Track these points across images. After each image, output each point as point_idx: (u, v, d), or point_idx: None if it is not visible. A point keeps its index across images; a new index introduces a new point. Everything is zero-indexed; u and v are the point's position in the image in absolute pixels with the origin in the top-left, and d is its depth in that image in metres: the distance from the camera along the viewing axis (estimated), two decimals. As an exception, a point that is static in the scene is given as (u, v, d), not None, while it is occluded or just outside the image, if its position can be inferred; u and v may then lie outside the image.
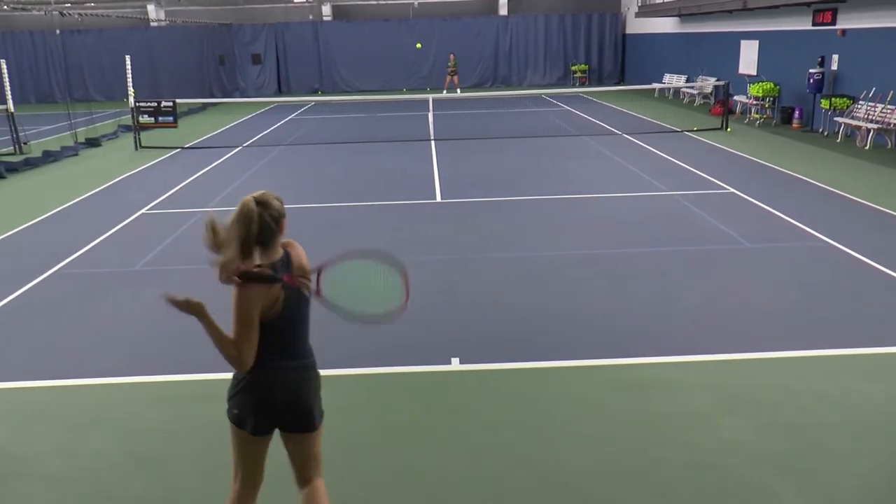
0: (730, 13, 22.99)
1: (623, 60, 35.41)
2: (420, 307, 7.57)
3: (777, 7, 19.81)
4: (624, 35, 35.18)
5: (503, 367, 6.25)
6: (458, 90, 30.84)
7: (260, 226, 3.36)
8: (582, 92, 29.40)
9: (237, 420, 3.54)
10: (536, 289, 8.06)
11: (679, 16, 27.13)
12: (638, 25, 33.22)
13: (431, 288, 8.14)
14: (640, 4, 31.23)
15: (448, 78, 31.91)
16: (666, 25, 29.63)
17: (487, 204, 11.91)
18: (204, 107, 28.79)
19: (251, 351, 3.36)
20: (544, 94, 29.46)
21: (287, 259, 3.56)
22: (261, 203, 3.40)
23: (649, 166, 14.53)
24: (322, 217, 11.50)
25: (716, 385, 5.82)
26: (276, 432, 3.68)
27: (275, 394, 3.52)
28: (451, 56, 31.89)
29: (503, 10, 35.88)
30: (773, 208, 11.00)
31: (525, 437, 5.18)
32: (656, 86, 27.22)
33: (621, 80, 35.08)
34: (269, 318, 3.40)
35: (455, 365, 6.31)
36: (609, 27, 35.00)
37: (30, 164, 16.98)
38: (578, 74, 34.65)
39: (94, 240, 10.47)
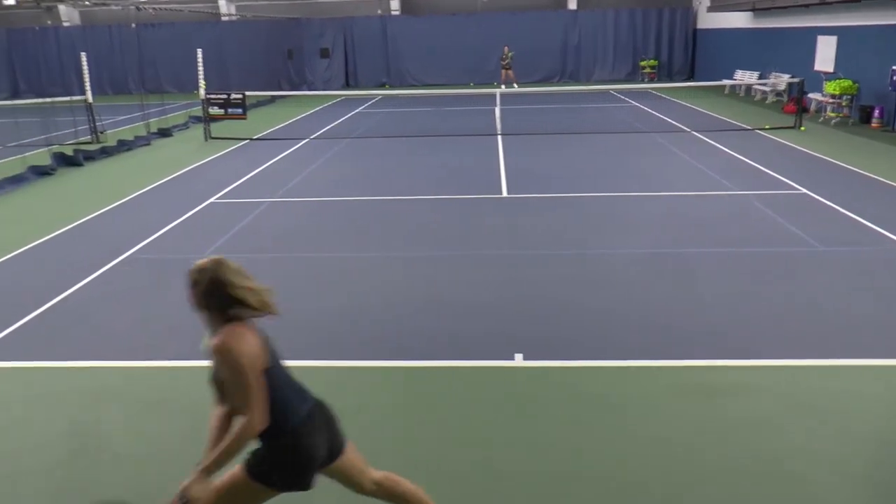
0: (806, 7, 22.34)
1: (693, 56, 34.74)
2: (483, 302, 7.57)
3: (858, 0, 19.18)
4: (695, 30, 34.51)
5: (567, 365, 6.17)
6: (515, 85, 30.60)
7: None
8: (650, 88, 28.93)
9: (288, 485, 3.44)
10: (601, 287, 7.96)
11: (753, 10, 26.47)
12: (709, 20, 32.54)
13: (495, 283, 8.11)
14: (712, -1, 30.62)
15: (503, 72, 31.67)
16: (738, 20, 28.95)
17: (553, 200, 11.81)
18: (272, 99, 29.18)
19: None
20: (612, 89, 29.11)
21: None
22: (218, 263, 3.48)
23: (718, 165, 14.22)
24: (387, 210, 11.55)
25: (785, 391, 5.66)
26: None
27: (318, 443, 3.48)
28: (506, 49, 31.65)
29: (572, 5, 35.53)
30: (849, 211, 10.65)
31: (588, 436, 5.11)
32: (727, 82, 26.59)
33: (691, 77, 34.44)
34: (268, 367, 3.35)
35: (518, 361, 6.26)
36: (679, 22, 34.37)
37: (105, 152, 17.47)
38: (647, 70, 34.13)
39: (164, 226, 10.70)
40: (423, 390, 5.91)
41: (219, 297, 3.30)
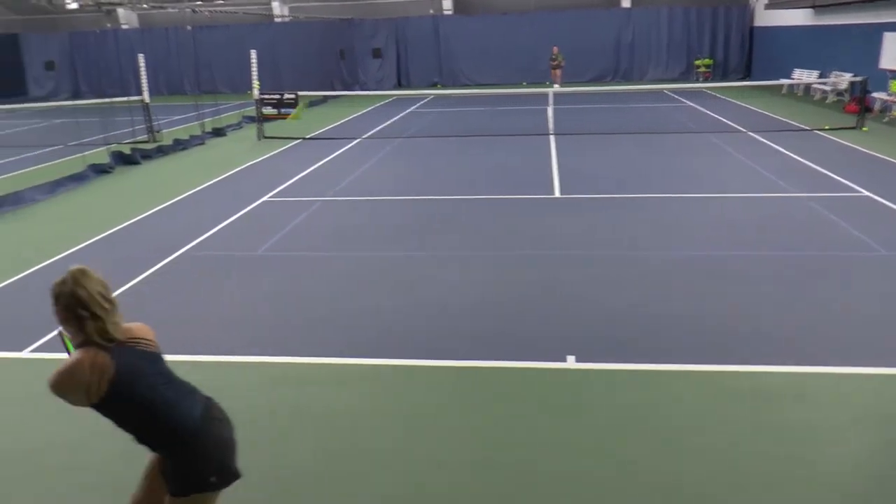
0: (872, 2, 21.74)
1: (750, 54, 34.08)
2: (533, 303, 7.49)
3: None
4: (751, 28, 33.87)
5: (619, 368, 6.07)
6: (557, 85, 30.28)
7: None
8: (705, 87, 28.47)
9: (223, 478, 3.37)
10: (654, 289, 7.82)
11: (813, 7, 25.88)
12: (767, 18, 31.90)
13: (546, 284, 8.03)
14: (770, -4, 30.04)
15: (552, 72, 31.38)
16: (798, 17, 28.32)
17: (605, 201, 11.67)
18: (325, 99, 29.40)
19: None
20: (666, 89, 28.72)
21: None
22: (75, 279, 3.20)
23: (774, 166, 13.90)
24: (438, 210, 11.53)
25: (844, 399, 5.48)
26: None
27: (223, 429, 3.47)
28: (555, 49, 31.39)
29: (626, 3, 35.14)
30: (914, 212, 10.34)
31: (639, 440, 5.02)
32: (785, 81, 26.07)
33: (747, 76, 33.80)
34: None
35: (570, 363, 6.17)
36: (736, 20, 33.74)
37: (161, 151, 17.78)
38: (702, 69, 33.57)
39: (218, 224, 10.83)
40: (473, 390, 5.86)
41: (75, 315, 3.13)
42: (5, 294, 8.40)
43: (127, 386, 3.16)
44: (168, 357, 6.43)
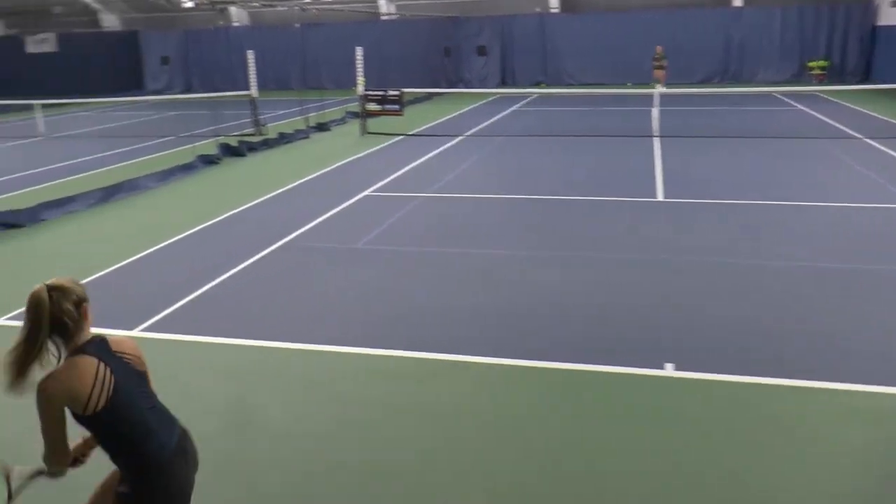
0: None
1: (870, 56, 32.43)
2: (633, 307, 7.27)
3: None
4: (874, 27, 32.21)
5: (720, 379, 5.78)
6: (660, 85, 29.35)
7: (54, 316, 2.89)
8: (819, 90, 27.25)
9: None
10: (760, 299, 7.44)
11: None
12: (893, 16, 30.28)
13: (646, 289, 7.77)
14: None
15: (655, 72, 30.52)
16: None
17: (710, 206, 11.24)
18: (429, 96, 29.53)
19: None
20: (776, 91, 27.65)
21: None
22: (55, 289, 2.92)
23: (894, 175, 13.15)
24: (539, 209, 11.37)
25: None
26: None
27: (187, 474, 3.21)
28: (658, 48, 30.55)
29: (737, 2, 34.01)
30: None
31: (738, 454, 4.78)
32: (910, 84, 24.72)
33: (866, 78, 32.21)
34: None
35: (668, 371, 5.94)
36: (855, 18, 32.13)
37: (267, 144, 18.19)
38: (816, 71, 32.09)
39: (320, 217, 10.96)
40: (566, 392, 5.71)
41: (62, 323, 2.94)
42: (120, 275, 8.72)
43: (123, 399, 2.99)
44: (269, 343, 6.58)
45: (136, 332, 6.87)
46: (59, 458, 3.01)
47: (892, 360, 6.02)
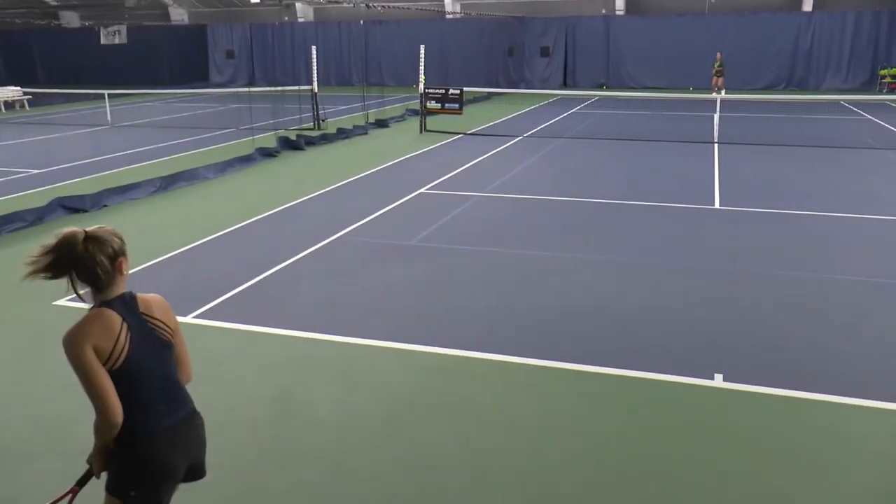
0: None
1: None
2: (685, 316, 7.06)
3: None
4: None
5: (770, 392, 5.53)
6: (723, 92, 28.69)
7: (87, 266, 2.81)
8: (890, 100, 26.33)
9: (142, 499, 2.97)
10: (816, 314, 7.12)
11: None
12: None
13: (700, 298, 7.53)
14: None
15: (714, 79, 29.81)
16: None
17: (769, 215, 10.88)
18: (489, 96, 29.41)
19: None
20: (844, 100, 26.84)
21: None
22: (92, 239, 2.83)
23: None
24: (595, 212, 11.17)
25: None
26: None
27: (177, 456, 3.02)
28: (719, 55, 29.83)
29: (807, 6, 33.08)
30: None
31: (783, 468, 4.57)
32: None
33: (944, 89, 31.12)
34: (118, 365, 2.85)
35: (718, 381, 5.71)
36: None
37: (326, 139, 18.27)
38: (888, 79, 31.06)
39: (375, 212, 10.92)
40: (610, 397, 5.55)
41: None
42: (177, 262, 8.81)
43: (134, 363, 2.88)
44: (317, 335, 6.55)
45: (188, 319, 6.89)
46: (110, 416, 2.82)
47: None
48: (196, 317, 7.05)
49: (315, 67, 21.20)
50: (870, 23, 31.64)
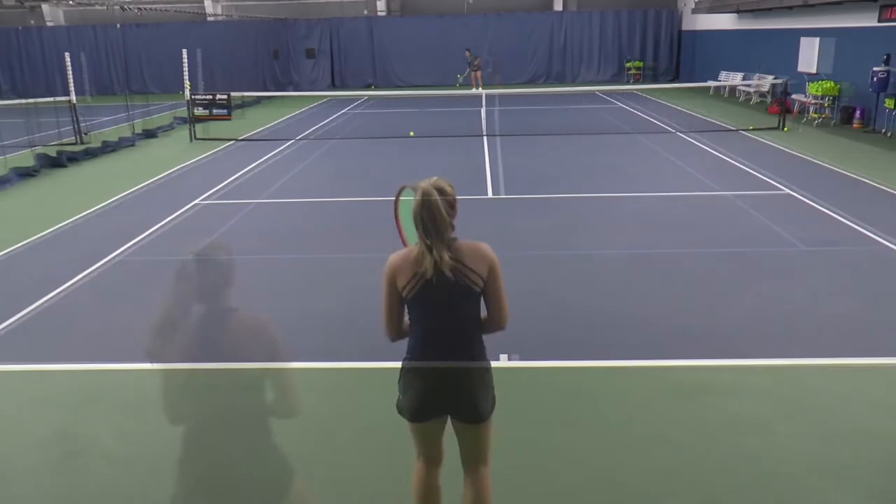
0: (789, 9, 22.51)
1: (678, 57, 34.89)
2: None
3: (840, 3, 19.32)
4: (680, 31, 34.67)
5: (553, 365, 6.20)
6: (477, 88, 30.26)
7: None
8: (636, 89, 29.03)
9: (398, 409, 3.65)
10: (589, 287, 8.00)
11: (737, 12, 26.64)
12: (694, 22, 32.73)
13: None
14: (697, 0, 30.76)
15: (473, 74, 31.36)
16: (723, 22, 29.12)
17: (539, 201, 11.84)
18: (258, 100, 29.09)
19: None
20: (597, 90, 29.20)
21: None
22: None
23: (703, 166, 14.31)
24: (375, 211, 11.54)
25: (771, 391, 5.70)
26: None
27: (426, 386, 3.54)
28: (467, 52, 31.64)
29: (558, 6, 35.61)
30: (832, 211, 10.74)
31: (576, 435, 5.15)
32: (712, 83, 26.81)
33: (676, 78, 34.59)
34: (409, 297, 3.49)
35: (503, 361, 6.27)
36: (665, 23, 34.51)
37: (89, 153, 17.39)
38: (633, 71, 34.25)
39: (150, 228, 10.66)
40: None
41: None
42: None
43: (419, 303, 3.54)
44: (99, 366, 6.35)
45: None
46: (386, 329, 3.59)
47: (704, 336, 6.62)
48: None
49: (71, 76, 20.04)
50: (613, 21, 34.63)
